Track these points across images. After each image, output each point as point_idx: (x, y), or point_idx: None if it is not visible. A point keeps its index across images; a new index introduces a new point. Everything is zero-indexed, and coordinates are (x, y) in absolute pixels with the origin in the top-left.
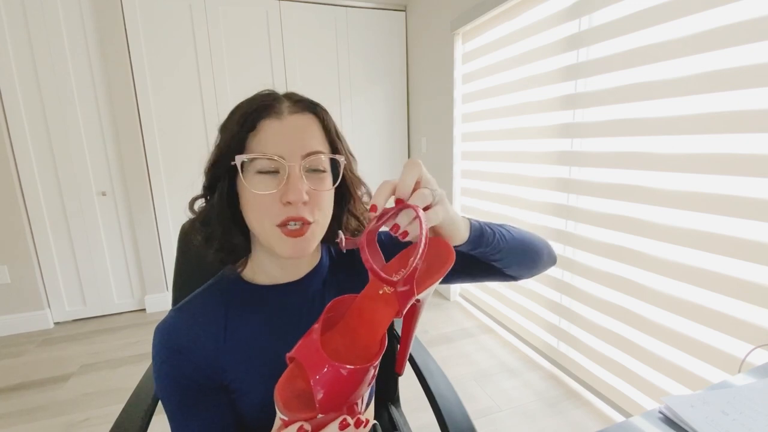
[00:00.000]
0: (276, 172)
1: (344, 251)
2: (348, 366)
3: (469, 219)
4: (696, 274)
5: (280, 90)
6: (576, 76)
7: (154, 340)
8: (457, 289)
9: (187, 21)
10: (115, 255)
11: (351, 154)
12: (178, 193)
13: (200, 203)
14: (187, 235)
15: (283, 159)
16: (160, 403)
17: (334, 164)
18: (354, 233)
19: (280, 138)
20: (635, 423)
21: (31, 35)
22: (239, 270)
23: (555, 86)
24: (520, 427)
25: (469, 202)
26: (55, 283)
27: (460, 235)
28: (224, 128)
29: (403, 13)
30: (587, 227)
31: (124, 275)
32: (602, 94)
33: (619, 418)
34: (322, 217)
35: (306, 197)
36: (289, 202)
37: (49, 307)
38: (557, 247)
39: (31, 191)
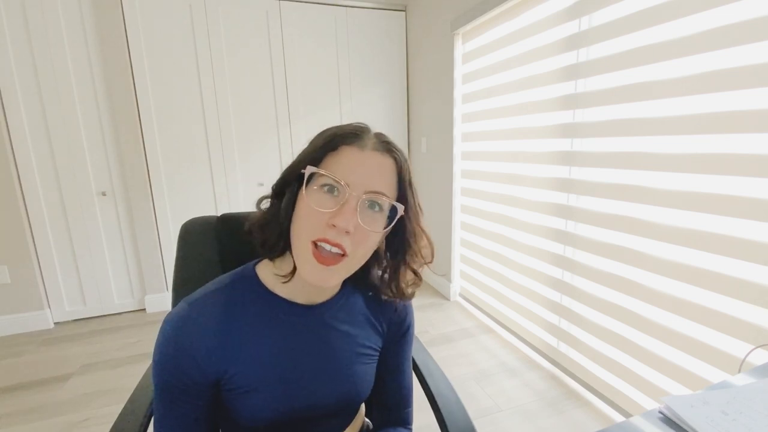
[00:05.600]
0: (335, 195)
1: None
2: None
3: None
4: (696, 274)
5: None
6: (576, 76)
7: (161, 328)
8: (457, 289)
9: (187, 21)
10: (115, 255)
11: (420, 208)
12: (178, 193)
13: (266, 203)
14: (187, 233)
15: (348, 186)
16: None
17: (395, 211)
18: (408, 287)
19: (354, 167)
20: (635, 423)
21: (31, 35)
22: (262, 270)
23: (555, 86)
24: (520, 427)
25: (469, 202)
26: (55, 283)
27: None
28: (312, 142)
29: (403, 13)
30: (587, 227)
31: (124, 275)
32: (602, 94)
33: (619, 418)
34: (360, 255)
35: (352, 228)
36: (334, 226)
37: (49, 307)
38: (557, 247)
39: (31, 191)
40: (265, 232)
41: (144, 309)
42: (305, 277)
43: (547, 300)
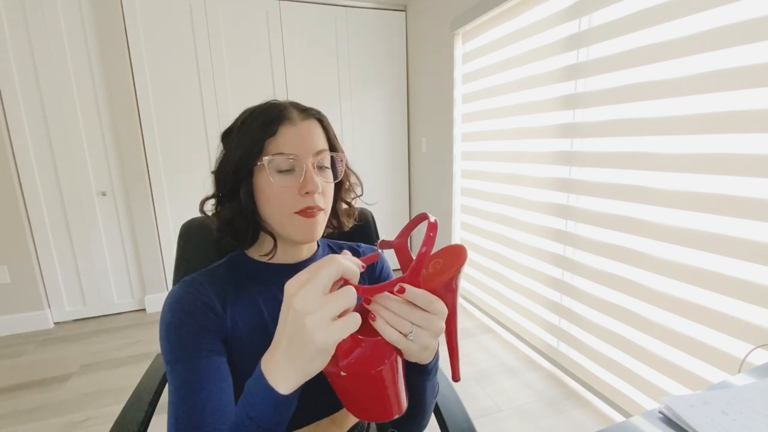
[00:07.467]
0: (291, 170)
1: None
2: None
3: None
4: (696, 274)
5: (279, 97)
6: (576, 76)
7: (168, 297)
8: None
9: (187, 21)
10: (115, 255)
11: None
12: (178, 193)
13: (211, 203)
14: (187, 233)
15: (300, 158)
16: (159, 403)
17: (333, 161)
18: (346, 213)
19: (297, 141)
20: (635, 423)
21: (31, 35)
22: (247, 251)
23: (555, 86)
24: (520, 427)
25: (469, 202)
26: (55, 283)
27: (423, 358)
28: (242, 134)
29: (403, 13)
30: (587, 227)
31: (124, 275)
32: (602, 94)
33: (619, 418)
34: (327, 205)
35: (320, 188)
36: (307, 193)
37: (49, 307)
38: (557, 247)
39: (31, 191)
40: (234, 226)
41: (144, 309)
42: (296, 238)
43: (547, 300)
